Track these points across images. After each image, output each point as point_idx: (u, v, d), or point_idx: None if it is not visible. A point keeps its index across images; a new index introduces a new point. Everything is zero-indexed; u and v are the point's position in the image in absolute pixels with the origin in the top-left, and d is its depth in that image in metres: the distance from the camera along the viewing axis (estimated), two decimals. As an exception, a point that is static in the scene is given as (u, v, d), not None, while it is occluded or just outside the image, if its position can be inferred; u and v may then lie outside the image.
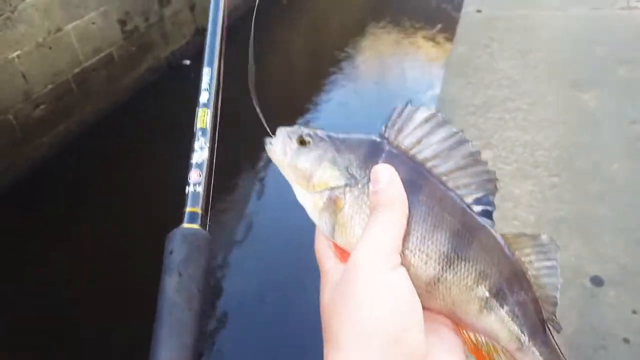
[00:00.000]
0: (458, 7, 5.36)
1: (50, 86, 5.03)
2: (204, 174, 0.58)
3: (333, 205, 0.53)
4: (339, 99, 6.21)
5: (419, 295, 0.49)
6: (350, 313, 0.45)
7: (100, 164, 4.81)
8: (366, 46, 7.63)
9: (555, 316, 0.55)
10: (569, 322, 2.52)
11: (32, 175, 4.75)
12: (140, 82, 6.12)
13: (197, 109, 0.62)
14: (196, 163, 0.59)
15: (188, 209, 0.58)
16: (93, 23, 5.39)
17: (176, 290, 0.52)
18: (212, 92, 0.63)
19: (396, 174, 0.51)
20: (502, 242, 0.53)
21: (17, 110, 4.76)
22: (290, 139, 0.57)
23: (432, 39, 7.53)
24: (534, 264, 0.53)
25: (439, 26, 7.51)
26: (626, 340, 2.39)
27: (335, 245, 0.53)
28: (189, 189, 0.59)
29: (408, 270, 0.49)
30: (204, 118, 0.61)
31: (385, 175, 0.51)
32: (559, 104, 3.94)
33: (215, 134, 0.61)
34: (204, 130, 0.61)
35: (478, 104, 4.04)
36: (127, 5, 5.81)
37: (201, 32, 7.06)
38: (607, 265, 2.69)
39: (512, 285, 0.52)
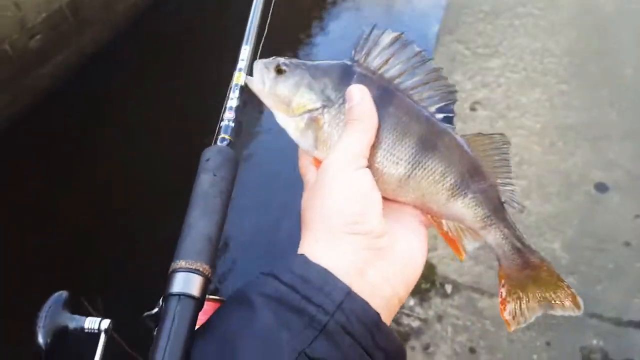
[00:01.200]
0: None
1: (44, 14, 4.88)
2: (234, 115, 0.74)
3: (314, 124, 0.61)
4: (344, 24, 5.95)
5: (393, 190, 0.61)
6: (318, 203, 0.56)
7: (106, 92, 4.76)
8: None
9: (514, 198, 0.63)
10: (570, 226, 2.52)
11: (38, 106, 4.73)
12: (136, 7, 5.91)
13: (234, 72, 0.77)
14: (229, 106, 0.74)
15: (222, 135, 0.72)
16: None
17: (210, 185, 0.64)
18: (247, 62, 0.77)
19: (367, 92, 0.59)
20: (462, 142, 0.62)
21: (13, 41, 4.66)
22: (268, 69, 0.62)
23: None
24: (490, 158, 0.62)
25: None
26: (627, 244, 2.42)
27: (316, 159, 0.61)
28: (223, 123, 0.74)
29: (383, 169, 0.60)
30: (239, 78, 0.76)
31: (357, 94, 0.59)
32: (573, 7, 3.73)
33: (240, 91, 0.77)
34: (237, 85, 0.76)
35: (487, 9, 3.85)
36: None
37: None
38: (613, 172, 2.66)
39: (473, 176, 0.62)
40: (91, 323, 0.59)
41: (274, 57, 0.64)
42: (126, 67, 5.07)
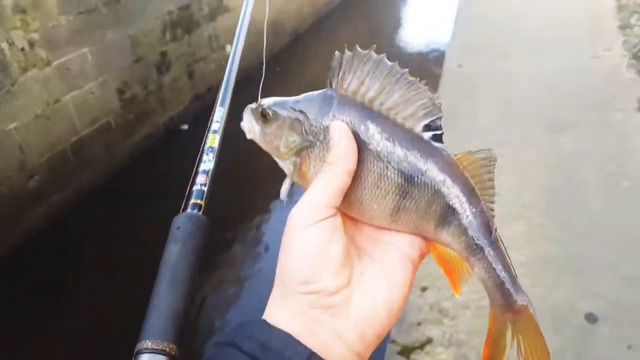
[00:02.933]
0: (440, 63, 5.60)
1: (46, 156, 5.11)
2: (209, 179, 0.72)
3: (301, 166, 0.59)
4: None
5: (387, 224, 0.59)
6: (279, 261, 0.54)
7: (95, 231, 4.82)
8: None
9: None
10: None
11: (28, 245, 4.74)
12: (138, 148, 6.25)
13: (208, 133, 0.76)
14: (203, 170, 0.72)
15: (193, 201, 0.70)
16: (92, 93, 5.56)
17: (179, 256, 0.62)
18: (222, 124, 0.77)
19: (345, 129, 0.56)
20: (451, 162, 0.57)
21: (12, 182, 4.79)
22: (254, 115, 0.61)
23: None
24: (479, 178, 0.57)
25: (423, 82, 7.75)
26: None
27: None
28: (195, 187, 0.71)
29: (371, 204, 0.57)
30: (214, 140, 0.75)
31: (336, 133, 0.56)
32: (540, 147, 4.03)
33: (218, 154, 0.76)
34: (212, 148, 0.74)
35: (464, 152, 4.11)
36: (126, 75, 6.00)
37: (199, 97, 7.31)
38: (599, 302, 2.67)
39: (461, 201, 0.56)
40: None
41: (258, 101, 0.61)
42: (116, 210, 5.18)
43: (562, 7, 5.88)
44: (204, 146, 0.75)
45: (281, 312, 0.52)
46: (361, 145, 0.56)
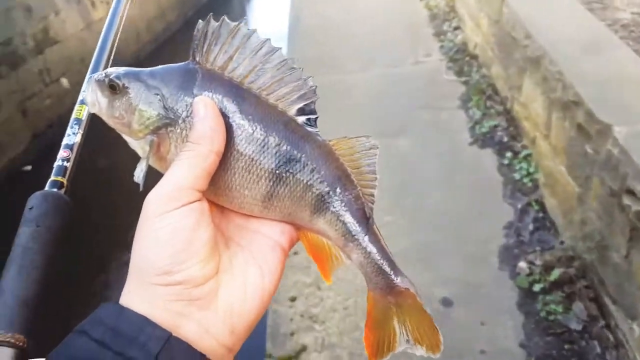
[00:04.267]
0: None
1: None
2: (74, 154, 0.64)
3: (159, 146, 0.53)
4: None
5: (258, 211, 0.55)
6: (134, 250, 0.49)
7: None
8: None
9: (370, 209, 0.56)
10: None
11: None
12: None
13: (76, 105, 0.67)
14: (66, 144, 0.64)
15: (52, 178, 0.62)
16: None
17: (31, 238, 0.56)
18: None
19: (212, 105, 0.51)
20: (327, 147, 0.55)
21: None
22: (101, 86, 0.53)
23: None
24: (356, 164, 0.56)
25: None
26: (482, 352, 2.65)
27: None
28: (56, 163, 0.63)
29: (242, 190, 0.53)
30: (81, 112, 0.66)
31: (200, 109, 0.51)
32: (380, 151, 4.44)
33: (86, 126, 0.68)
34: (79, 120, 0.66)
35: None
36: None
37: (39, 135, 6.77)
38: (451, 286, 2.97)
39: (337, 187, 0.55)
40: None
41: (107, 70, 0.55)
42: None
43: (384, 18, 6.47)
44: (70, 117, 0.67)
45: (136, 304, 0.46)
46: (230, 126, 0.52)
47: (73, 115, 0.67)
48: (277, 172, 0.53)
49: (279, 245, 0.56)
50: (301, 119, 0.54)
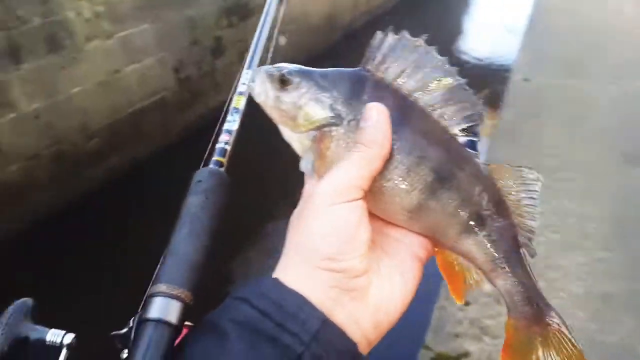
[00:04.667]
0: (504, 76, 5.41)
1: (106, 122, 5.27)
2: (232, 138, 0.70)
3: (320, 143, 0.55)
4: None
5: (402, 220, 0.56)
6: (297, 232, 0.52)
7: (145, 201, 4.91)
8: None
9: (531, 242, 0.56)
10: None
11: (82, 205, 4.87)
12: (190, 127, 6.33)
13: (233, 95, 0.75)
14: (227, 129, 0.71)
15: (215, 158, 0.68)
16: (150, 68, 5.68)
17: (200, 208, 0.60)
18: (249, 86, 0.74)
19: (385, 113, 0.52)
20: (485, 171, 0.55)
21: (72, 142, 4.97)
22: (271, 79, 0.56)
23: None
24: (514, 193, 0.55)
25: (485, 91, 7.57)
26: None
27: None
28: (218, 145, 0.70)
29: (393, 197, 0.54)
30: (239, 101, 0.73)
31: (373, 115, 0.53)
32: (609, 176, 3.83)
33: (240, 115, 0.75)
34: (237, 109, 0.73)
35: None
36: (182, 55, 6.11)
37: (250, 83, 7.35)
38: None
39: (491, 212, 0.55)
40: (53, 336, 0.54)
41: (277, 65, 0.57)
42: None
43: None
44: (228, 106, 0.74)
45: (296, 281, 0.49)
46: (394, 135, 0.53)
47: (232, 104, 0.73)
48: (432, 186, 0.54)
49: (418, 257, 0.57)
50: (463, 139, 0.54)
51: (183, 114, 6.26)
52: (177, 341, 0.51)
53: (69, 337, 0.54)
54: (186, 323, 0.53)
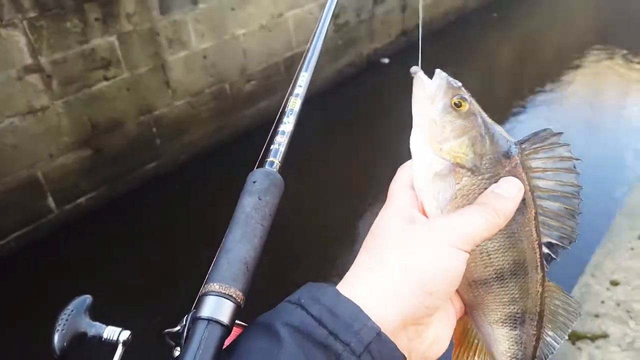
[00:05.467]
0: None
1: (263, 65, 5.60)
2: (286, 140, 0.71)
3: (449, 178, 0.56)
4: (537, 123, 5.71)
5: (462, 284, 0.57)
6: (399, 250, 0.52)
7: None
8: (582, 71, 6.88)
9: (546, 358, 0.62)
10: None
11: (232, 142, 5.31)
12: (340, 75, 6.45)
13: (290, 97, 0.76)
14: (282, 131, 0.72)
15: (270, 159, 0.69)
16: (311, 13, 5.82)
17: (254, 208, 0.61)
18: (304, 90, 0.77)
19: (522, 194, 0.55)
20: (543, 284, 0.60)
21: (233, 82, 5.41)
22: (449, 91, 0.56)
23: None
24: (554, 314, 0.61)
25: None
26: None
27: (422, 205, 0.56)
28: (273, 146, 0.70)
29: (470, 265, 0.55)
30: (295, 103, 0.75)
31: (515, 191, 0.55)
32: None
33: (295, 117, 0.75)
34: (292, 111, 0.74)
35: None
36: (344, 0, 6.14)
37: (406, 33, 7.17)
38: None
39: (532, 320, 0.61)
40: (110, 333, 0.56)
41: (459, 83, 0.57)
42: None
43: None
44: (284, 107, 0.75)
45: (383, 295, 0.50)
46: None
47: (288, 106, 0.73)
48: (505, 272, 0.58)
49: (456, 318, 0.61)
50: (545, 251, 0.59)
51: (335, 62, 6.37)
52: (228, 341, 0.51)
53: (125, 334, 0.56)
54: (239, 322, 0.54)
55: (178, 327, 0.53)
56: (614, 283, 2.61)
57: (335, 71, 6.39)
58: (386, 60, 7.01)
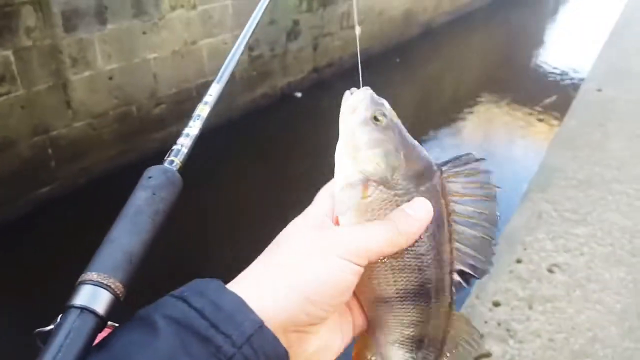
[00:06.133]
0: (577, 85, 5.16)
1: (174, 90, 5.54)
2: (190, 142, 0.70)
3: (358, 189, 0.54)
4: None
5: (364, 299, 0.59)
6: (293, 254, 0.52)
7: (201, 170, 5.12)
8: (475, 113, 7.52)
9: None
10: None
11: (139, 165, 5.14)
12: (253, 104, 6.52)
13: (199, 104, 0.76)
14: (186, 133, 0.71)
15: (171, 158, 0.68)
16: (225, 43, 5.88)
17: (146, 203, 0.58)
18: (214, 100, 0.76)
19: (431, 218, 0.54)
20: (450, 312, 0.59)
21: (140, 105, 5.28)
22: (371, 106, 0.56)
23: (544, 112, 7.25)
24: (456, 342, 0.61)
25: (554, 98, 7.22)
26: None
27: (337, 218, 0.56)
28: (175, 147, 0.70)
29: (373, 280, 0.56)
30: (203, 110, 0.74)
31: (423, 213, 0.54)
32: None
33: (202, 122, 0.75)
34: (199, 116, 0.74)
35: (581, 178, 3.82)
36: (258, 34, 6.28)
37: (317, 70, 7.44)
38: None
39: (431, 346, 0.60)
40: None
41: (383, 100, 0.57)
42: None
43: None
44: (192, 113, 0.75)
45: (267, 296, 0.49)
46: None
47: (196, 112, 0.74)
48: (408, 294, 0.56)
49: (355, 330, 0.60)
50: (457, 278, 0.57)
51: (249, 91, 6.45)
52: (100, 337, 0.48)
53: None
54: (111, 323, 0.50)
55: (51, 326, 0.48)
56: (496, 304, 2.82)
57: (250, 100, 6.46)
58: (299, 95, 7.23)
